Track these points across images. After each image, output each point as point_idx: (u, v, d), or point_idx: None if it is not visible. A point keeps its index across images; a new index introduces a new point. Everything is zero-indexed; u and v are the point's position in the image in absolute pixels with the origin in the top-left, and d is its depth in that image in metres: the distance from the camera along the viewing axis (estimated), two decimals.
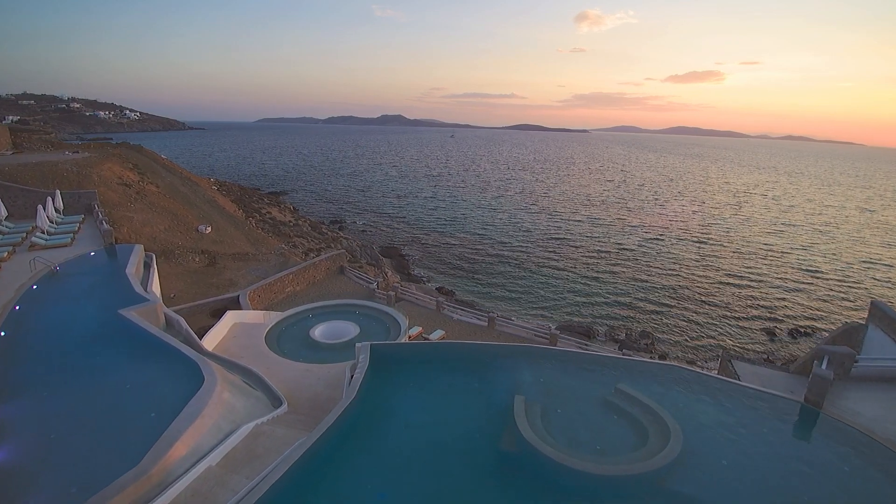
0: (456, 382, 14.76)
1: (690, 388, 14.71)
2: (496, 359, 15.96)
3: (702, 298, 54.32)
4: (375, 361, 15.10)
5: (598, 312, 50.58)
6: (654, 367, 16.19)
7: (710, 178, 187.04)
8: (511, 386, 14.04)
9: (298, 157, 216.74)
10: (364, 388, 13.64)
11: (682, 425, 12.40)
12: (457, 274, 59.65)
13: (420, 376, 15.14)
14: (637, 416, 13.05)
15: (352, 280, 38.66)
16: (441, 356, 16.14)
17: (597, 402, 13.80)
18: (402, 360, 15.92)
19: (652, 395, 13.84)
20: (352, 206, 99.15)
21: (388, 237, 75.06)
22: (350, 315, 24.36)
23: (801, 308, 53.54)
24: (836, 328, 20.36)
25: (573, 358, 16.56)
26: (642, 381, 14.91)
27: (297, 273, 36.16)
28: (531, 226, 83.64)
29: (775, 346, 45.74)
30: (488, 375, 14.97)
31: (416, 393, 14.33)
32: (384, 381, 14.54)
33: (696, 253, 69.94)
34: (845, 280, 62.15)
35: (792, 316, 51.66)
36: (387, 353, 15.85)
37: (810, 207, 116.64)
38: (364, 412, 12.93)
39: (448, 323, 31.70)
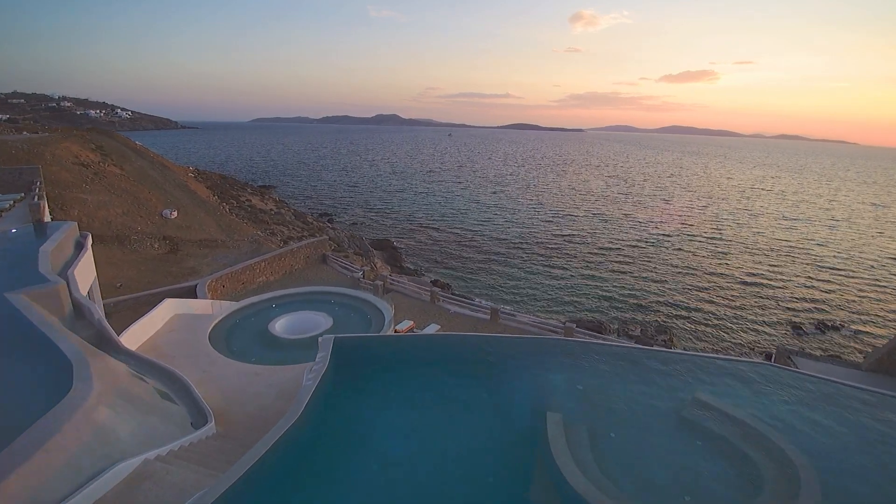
0: (456, 392, 10.13)
1: (798, 396, 10.13)
2: (512, 357, 11.36)
3: (717, 292, 49.96)
4: (341, 361, 10.50)
5: (608, 308, 46.12)
6: (737, 366, 11.54)
7: (711, 174, 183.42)
8: (538, 397, 9.48)
9: (291, 155, 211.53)
10: (320, 400, 9.05)
11: (809, 455, 7.89)
12: (453, 268, 55.05)
13: (404, 383, 10.51)
14: (735, 442, 8.49)
15: (335, 269, 34.04)
16: (434, 354, 11.49)
17: (668, 421, 9.23)
18: (379, 359, 11.32)
19: (748, 408, 9.29)
20: (343, 201, 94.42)
21: (380, 230, 70.38)
22: (323, 305, 19.76)
23: (823, 301, 49.31)
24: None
25: (620, 354, 11.94)
26: (725, 386, 10.34)
27: (271, 261, 31.49)
28: (532, 221, 79.11)
29: (806, 341, 41.40)
30: (502, 381, 10.37)
31: (397, 408, 9.70)
32: (352, 391, 9.93)
33: (706, 247, 65.63)
34: (867, 272, 58.03)
35: (816, 309, 47.41)
36: (358, 349, 11.24)
37: (819, 203, 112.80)
38: (316, 438, 8.34)
39: (444, 316, 27.12)
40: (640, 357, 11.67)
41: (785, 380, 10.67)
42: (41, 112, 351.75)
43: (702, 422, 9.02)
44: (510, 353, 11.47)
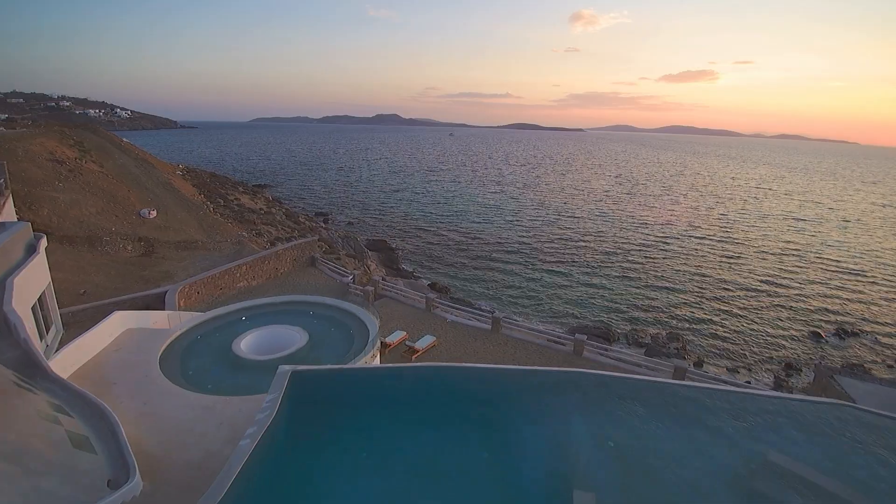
0: (445, 453, 7.62)
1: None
2: (520, 398, 8.83)
3: (729, 297, 47.43)
4: (300, 400, 8.05)
5: (614, 314, 43.61)
6: (808, 408, 8.97)
7: (716, 173, 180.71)
8: (557, 461, 7.00)
9: (289, 154, 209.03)
10: (265, 456, 6.63)
11: None
12: (452, 270, 52.54)
13: (379, 432, 8.01)
14: None
15: (323, 273, 31.56)
16: (419, 393, 8.93)
17: (736, 495, 6.74)
18: (347, 399, 8.81)
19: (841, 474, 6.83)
20: (340, 201, 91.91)
21: (376, 231, 67.91)
22: (301, 317, 17.26)
23: (840, 305, 46.79)
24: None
25: (656, 390, 9.40)
26: (800, 439, 7.84)
27: (254, 264, 29.01)
28: (534, 222, 76.55)
29: (827, 349, 38.91)
30: (508, 435, 7.86)
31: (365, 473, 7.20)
32: (307, 446, 7.46)
33: (716, 250, 63.09)
34: (883, 275, 55.50)
35: (833, 314, 44.88)
36: (322, 386, 8.76)
37: (828, 203, 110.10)
38: None
39: (441, 325, 24.67)
40: (681, 396, 9.15)
41: (867, 421, 8.17)
42: (40, 112, 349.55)
43: (783, 496, 6.55)
44: (518, 390, 8.96)
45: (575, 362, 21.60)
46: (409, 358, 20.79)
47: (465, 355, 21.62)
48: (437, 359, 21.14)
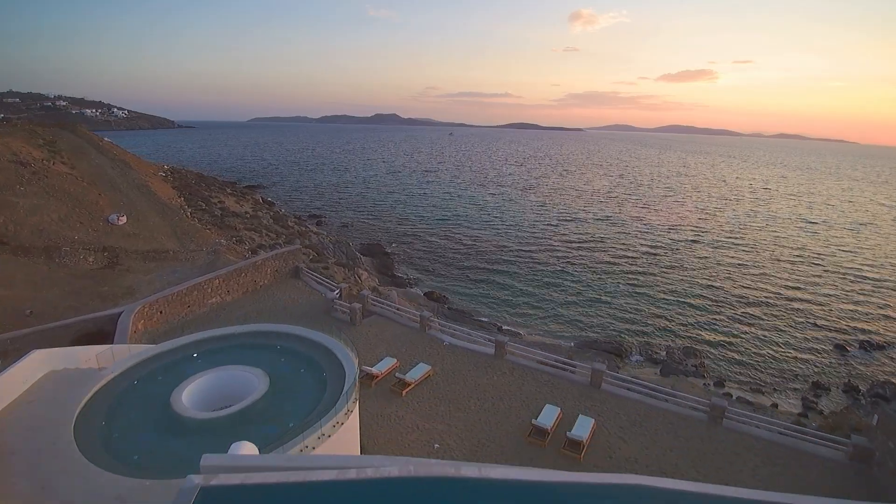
0: None
1: None
2: None
3: (744, 307, 44.49)
4: None
5: (624, 324, 40.66)
6: None
7: (720, 173, 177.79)
8: None
9: (285, 154, 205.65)
10: None
11: None
12: (450, 278, 49.50)
13: None
14: None
15: (308, 286, 28.57)
16: None
17: None
18: None
19: None
20: (335, 202, 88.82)
21: (372, 234, 64.84)
22: (265, 353, 14.26)
23: (861, 314, 43.94)
24: None
25: None
26: None
27: (229, 277, 26.00)
28: (536, 225, 73.49)
29: (854, 364, 35.97)
30: None
31: None
32: None
33: (728, 256, 60.11)
34: None
35: (855, 324, 42.05)
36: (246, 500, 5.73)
37: (837, 205, 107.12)
38: None
39: (437, 350, 21.66)
40: None
41: None
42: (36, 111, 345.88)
43: None
44: None
45: (592, 395, 18.63)
46: (399, 392, 17.80)
47: (466, 388, 18.62)
48: (433, 393, 18.14)
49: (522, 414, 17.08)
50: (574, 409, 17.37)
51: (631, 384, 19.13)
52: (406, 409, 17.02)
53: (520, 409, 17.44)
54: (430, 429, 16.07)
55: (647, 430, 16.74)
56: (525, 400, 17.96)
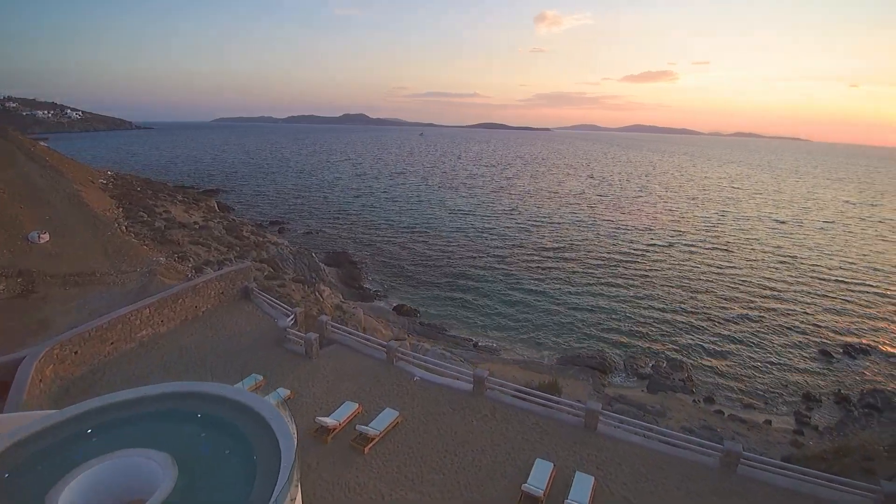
0: None
1: None
2: None
3: (726, 313, 43.30)
4: None
5: (606, 336, 38.69)
6: None
7: (686, 172, 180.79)
8: None
9: (247, 156, 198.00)
10: None
11: None
12: (421, 287, 46.56)
13: None
14: None
15: (260, 310, 25.11)
16: None
17: None
18: None
19: None
20: (299, 207, 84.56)
21: (337, 242, 61.25)
22: (180, 425, 11.00)
23: (843, 319, 43.30)
24: None
25: None
26: None
27: (164, 304, 22.36)
28: (509, 229, 71.18)
29: (841, 371, 34.90)
30: None
31: None
32: None
33: (705, 258, 59.21)
34: (876, 282, 52.65)
35: (837, 329, 41.29)
36: None
37: (801, 202, 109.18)
38: None
39: (407, 387, 18.67)
40: None
41: None
42: None
43: None
44: None
45: (588, 440, 16.02)
46: (360, 449, 14.73)
47: (441, 440, 15.72)
48: (401, 448, 15.16)
49: (509, 471, 14.32)
50: (569, 463, 14.72)
51: (630, 425, 16.61)
52: (369, 473, 13.99)
53: (505, 464, 14.66)
54: (398, 500, 13.12)
55: (655, 484, 14.23)
56: (511, 452, 15.20)
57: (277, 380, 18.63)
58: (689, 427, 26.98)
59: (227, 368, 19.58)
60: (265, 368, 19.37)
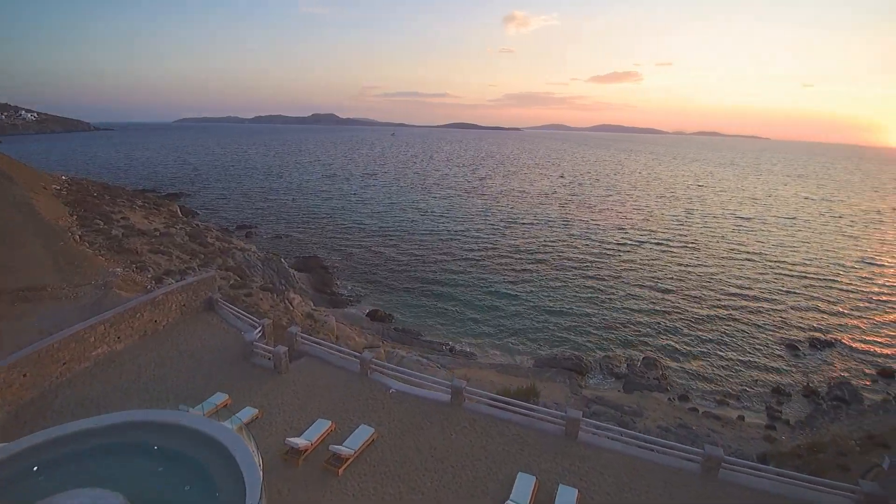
0: None
1: None
2: None
3: (698, 311, 44.00)
4: None
5: (581, 336, 38.78)
6: None
7: (653, 170, 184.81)
8: None
9: (212, 157, 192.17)
10: None
11: None
12: (395, 291, 45.77)
13: None
14: None
15: (225, 322, 23.93)
16: None
17: None
18: None
19: None
20: (268, 210, 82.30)
21: (308, 246, 59.77)
22: (135, 458, 10.07)
23: (807, 312, 44.64)
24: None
25: None
26: None
27: (120, 319, 21.02)
28: (483, 230, 70.94)
29: (808, 364, 35.84)
30: None
31: None
32: None
33: (674, 256, 60.34)
34: (836, 276, 54.67)
35: (803, 323, 42.52)
36: None
37: (764, 199, 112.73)
38: None
39: (382, 401, 17.99)
40: None
41: None
42: None
43: None
44: None
45: (569, 449, 15.69)
46: (334, 471, 13.97)
47: (419, 456, 15.11)
48: (378, 468, 14.47)
49: (491, 487, 13.82)
50: (551, 475, 14.33)
51: (611, 433, 16.36)
52: (344, 497, 13.25)
53: (487, 479, 14.16)
54: None
55: (638, 493, 14.00)
56: (492, 466, 14.71)
57: (244, 398, 17.65)
58: (666, 426, 27.13)
59: (189, 387, 18.47)
60: (231, 386, 18.34)
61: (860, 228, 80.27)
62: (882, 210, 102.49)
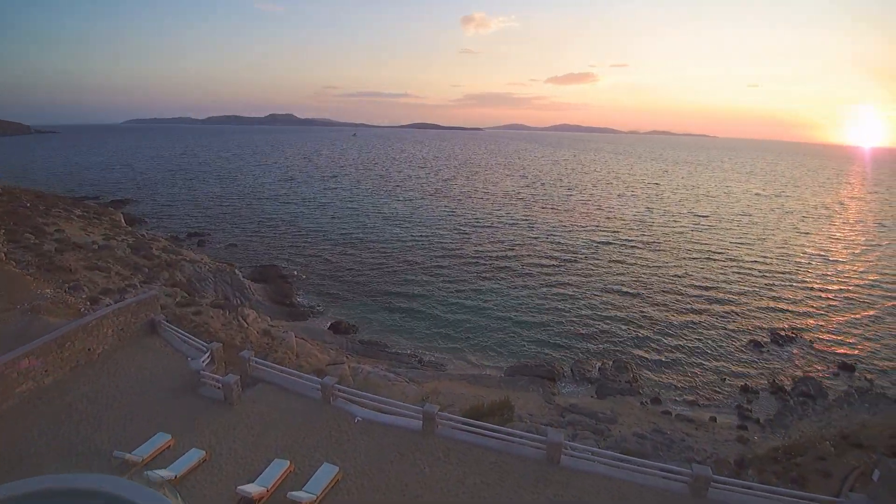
0: None
1: None
2: None
3: (663, 312, 44.20)
4: None
5: (551, 341, 38.13)
6: None
7: (612, 169, 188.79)
8: None
9: (164, 160, 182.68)
10: None
11: None
12: (359, 300, 43.90)
13: None
14: None
15: (169, 347, 21.64)
16: None
17: None
18: None
19: None
20: (222, 216, 78.28)
21: (265, 254, 56.91)
22: None
23: (768, 308, 45.65)
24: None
25: None
26: None
27: (47, 349, 18.56)
28: (448, 234, 69.64)
29: (772, 360, 36.41)
30: None
31: None
32: None
33: (639, 257, 60.78)
34: (788, 269, 56.49)
35: (765, 319, 43.40)
36: None
37: (718, 196, 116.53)
38: None
39: (347, 432, 16.37)
40: None
41: None
42: None
43: None
44: None
45: (552, 476, 14.58)
46: None
47: (389, 493, 13.65)
48: None
49: None
50: None
51: (594, 455, 15.36)
52: None
53: None
54: None
55: None
56: (470, 502, 13.40)
57: (190, 437, 15.62)
58: (642, 433, 26.63)
59: (127, 427, 16.26)
60: (175, 423, 16.26)
61: (811, 223, 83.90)
62: (828, 205, 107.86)
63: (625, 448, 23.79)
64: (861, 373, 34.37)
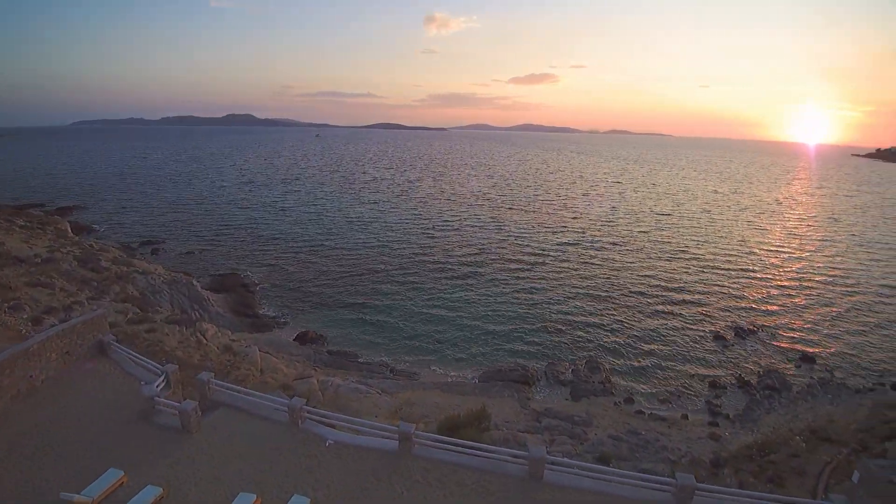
0: None
1: None
2: None
3: (631, 310, 44.96)
4: None
5: (523, 344, 37.94)
6: None
7: (575, 168, 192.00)
8: None
9: (115, 164, 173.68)
10: None
11: None
12: (326, 309, 42.53)
13: None
14: None
15: (120, 370, 19.97)
16: None
17: None
18: None
19: None
20: (177, 223, 74.78)
21: (225, 262, 54.52)
22: None
23: (730, 302, 47.08)
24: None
25: None
26: None
27: None
28: (416, 238, 68.70)
29: (736, 353, 37.41)
30: None
31: None
32: None
33: (606, 257, 61.73)
34: (748, 264, 58.51)
35: (726, 313, 44.68)
36: None
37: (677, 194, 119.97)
38: None
39: (318, 457, 15.37)
40: None
41: None
42: None
43: None
44: None
45: (536, 493, 14.04)
46: None
47: None
48: None
49: None
50: None
51: (577, 469, 14.94)
52: None
53: None
54: None
55: None
56: None
57: (144, 472, 14.23)
58: (617, 435, 26.59)
59: (75, 464, 14.67)
60: (128, 457, 14.79)
61: (766, 219, 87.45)
62: (780, 200, 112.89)
63: (602, 452, 23.67)
64: (821, 364, 35.63)
